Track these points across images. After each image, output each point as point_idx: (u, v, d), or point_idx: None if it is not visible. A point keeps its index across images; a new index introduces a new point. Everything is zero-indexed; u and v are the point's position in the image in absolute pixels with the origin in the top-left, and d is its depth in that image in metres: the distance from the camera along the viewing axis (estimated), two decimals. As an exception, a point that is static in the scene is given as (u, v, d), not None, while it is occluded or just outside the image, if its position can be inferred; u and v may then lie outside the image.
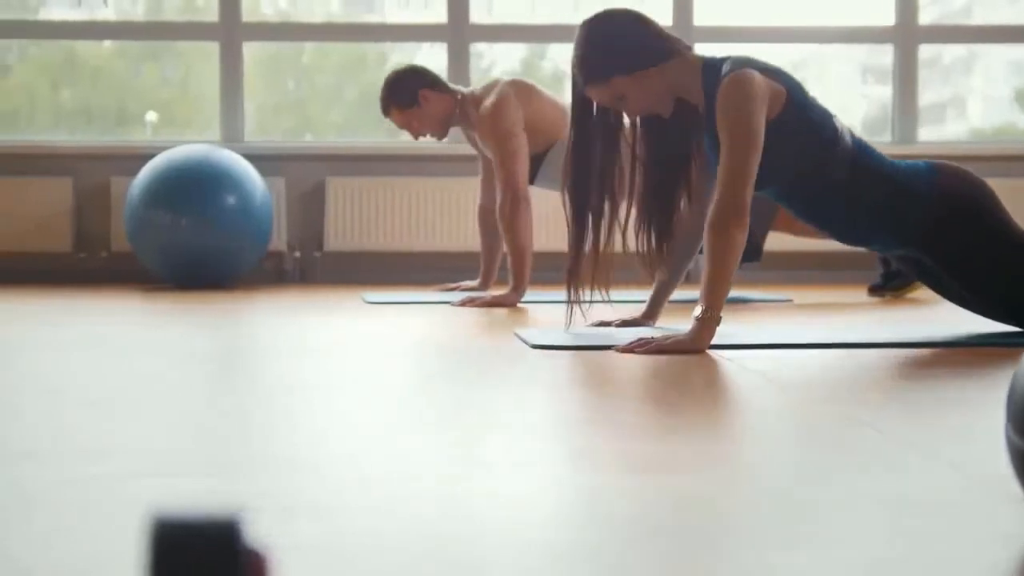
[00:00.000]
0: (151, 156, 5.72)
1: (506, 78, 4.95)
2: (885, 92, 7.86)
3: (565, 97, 3.85)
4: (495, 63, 7.67)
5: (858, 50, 7.38)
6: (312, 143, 6.73)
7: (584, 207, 3.31)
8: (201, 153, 5.67)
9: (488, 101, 4.81)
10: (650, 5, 6.87)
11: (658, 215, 3.35)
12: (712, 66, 3.18)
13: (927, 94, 8.66)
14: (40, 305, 4.72)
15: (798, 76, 3.26)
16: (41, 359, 2.96)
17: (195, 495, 1.49)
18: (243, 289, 5.62)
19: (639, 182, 3.33)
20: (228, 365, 2.90)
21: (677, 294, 3.63)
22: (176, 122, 7.29)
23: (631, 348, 2.98)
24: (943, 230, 3.19)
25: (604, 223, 3.32)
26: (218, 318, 4.18)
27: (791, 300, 4.94)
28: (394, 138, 6.45)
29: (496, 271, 5.24)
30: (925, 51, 6.84)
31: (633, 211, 3.36)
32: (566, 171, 3.34)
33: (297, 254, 6.31)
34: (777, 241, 5.25)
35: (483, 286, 5.23)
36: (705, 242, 3.03)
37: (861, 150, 3.21)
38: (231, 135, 6.36)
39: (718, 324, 2.99)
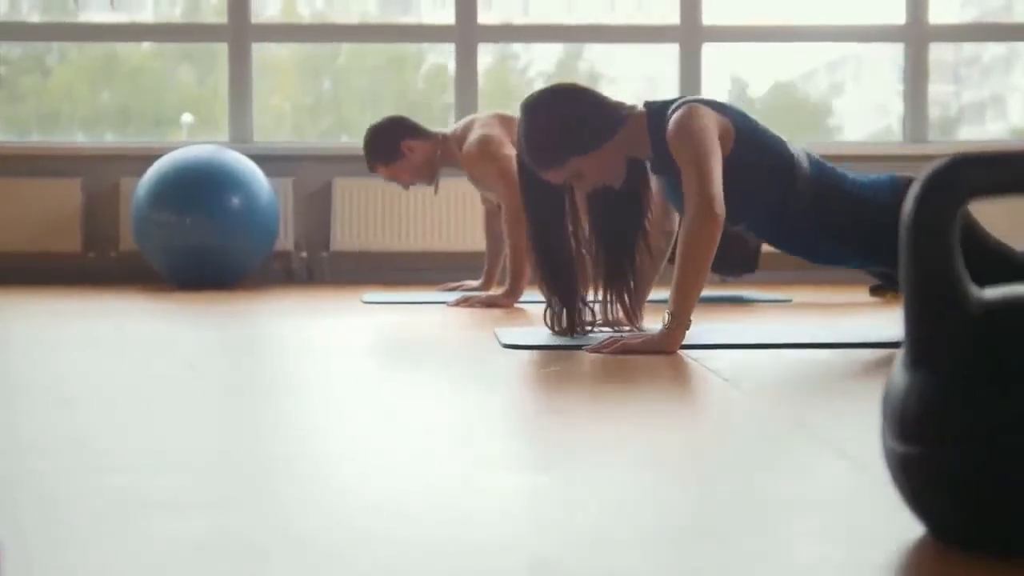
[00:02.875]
0: (160, 157, 5.76)
1: (482, 113, 4.96)
2: (927, 90, 7.81)
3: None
4: (531, 64, 7.68)
5: (896, 49, 7.27)
6: (319, 144, 6.75)
7: (557, 272, 3.28)
8: (206, 154, 5.71)
9: (471, 137, 4.82)
10: (659, 5, 6.87)
11: (615, 269, 3.33)
12: (657, 112, 3.17)
13: (967, 93, 8.59)
14: (45, 305, 4.76)
15: (836, 76, 3.25)
16: (27, 359, 2.99)
17: (156, 491, 1.51)
18: (249, 289, 5.65)
19: (593, 239, 3.31)
20: (204, 366, 2.92)
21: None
22: (210, 123, 7.36)
23: (600, 348, 2.98)
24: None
25: (578, 274, 3.30)
26: (211, 319, 4.21)
27: (791, 300, 4.92)
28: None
29: (498, 272, 5.25)
30: (966, 50, 6.78)
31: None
32: (531, 242, 3.30)
33: (304, 254, 6.33)
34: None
35: (485, 286, 5.24)
36: (679, 246, 3.00)
37: (820, 172, 3.18)
38: (240, 136, 6.40)
39: (688, 326, 2.98)
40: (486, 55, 7.51)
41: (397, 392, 2.45)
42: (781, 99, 7.86)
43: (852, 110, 8.21)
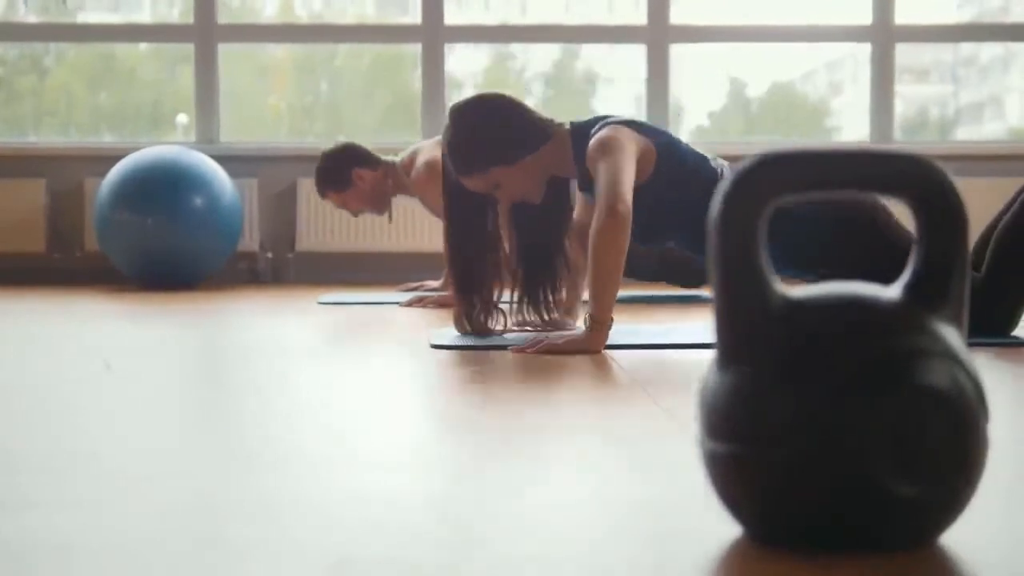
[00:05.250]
0: (124, 157, 5.76)
1: (426, 141, 4.96)
2: (925, 91, 7.77)
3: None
4: (527, 65, 7.68)
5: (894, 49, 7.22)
6: (284, 144, 6.76)
7: (470, 285, 3.27)
8: (169, 154, 5.71)
9: (419, 162, 4.83)
10: (627, 4, 6.87)
11: (535, 288, 3.36)
12: (581, 132, 3.20)
13: (964, 94, 8.58)
14: (6, 305, 4.77)
15: (834, 76, 3.28)
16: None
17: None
18: (212, 290, 5.65)
19: (514, 257, 3.33)
20: (129, 366, 2.92)
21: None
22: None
23: (525, 348, 2.99)
24: (830, 252, 3.19)
25: (487, 287, 3.29)
26: (165, 319, 4.21)
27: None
28: (368, 140, 6.44)
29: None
30: (964, 49, 6.76)
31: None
32: (448, 254, 3.29)
33: (269, 255, 6.33)
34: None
35: (445, 286, 5.24)
36: (589, 249, 3.00)
37: None
38: (205, 136, 6.40)
39: (610, 325, 2.99)
40: (482, 55, 7.50)
41: (306, 393, 2.46)
42: (779, 99, 7.86)
43: (852, 110, 8.19)
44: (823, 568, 1.18)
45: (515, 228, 3.33)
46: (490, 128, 3.18)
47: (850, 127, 8.07)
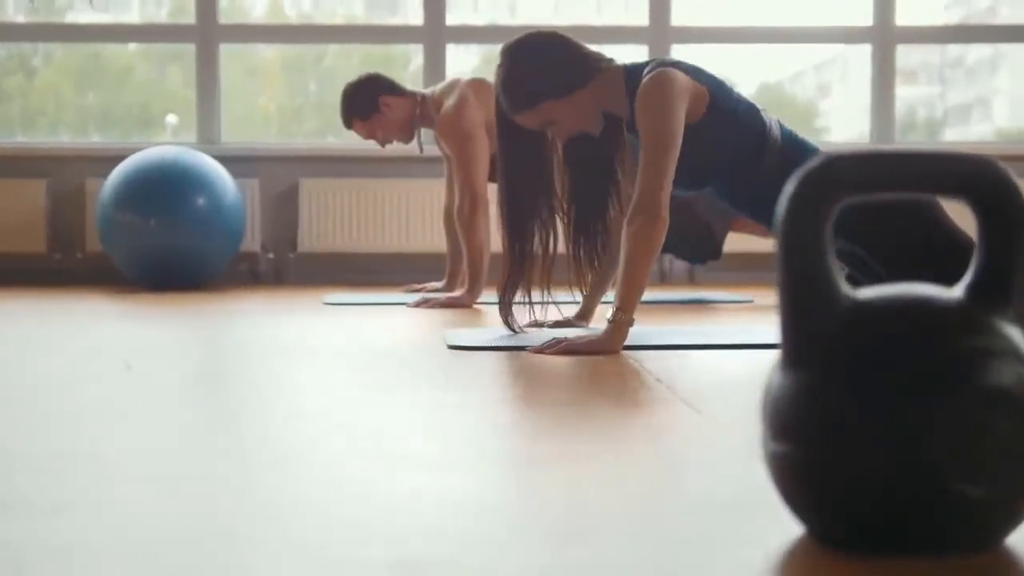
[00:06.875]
0: (126, 158, 5.74)
1: (466, 78, 4.93)
2: (913, 92, 7.79)
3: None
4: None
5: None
6: (286, 145, 6.74)
7: (521, 228, 3.29)
8: (171, 155, 5.69)
9: (448, 102, 4.81)
10: (616, 5, 6.86)
11: (586, 226, 3.35)
12: (634, 71, 3.19)
13: (952, 95, 8.60)
14: (6, 306, 4.74)
15: (823, 77, 3.27)
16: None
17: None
18: (215, 291, 5.63)
19: (567, 196, 3.33)
20: (143, 366, 2.91)
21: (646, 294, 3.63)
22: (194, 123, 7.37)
23: (543, 349, 2.98)
24: (872, 218, 3.16)
25: (539, 239, 3.30)
26: (170, 320, 4.19)
27: (752, 301, 4.92)
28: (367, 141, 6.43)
29: (461, 272, 5.24)
30: (951, 51, 6.77)
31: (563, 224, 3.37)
32: (500, 192, 3.30)
33: (271, 255, 6.32)
34: (742, 242, 5.20)
35: (448, 287, 5.23)
36: (622, 242, 3.02)
37: (790, 142, 3.22)
38: (207, 137, 6.38)
39: (631, 325, 2.99)
40: (472, 56, 7.49)
41: (322, 393, 2.45)
42: (768, 100, 7.87)
43: (840, 111, 8.19)
44: (887, 570, 1.17)
45: (569, 166, 3.31)
46: (539, 63, 3.18)
47: (839, 128, 8.08)
